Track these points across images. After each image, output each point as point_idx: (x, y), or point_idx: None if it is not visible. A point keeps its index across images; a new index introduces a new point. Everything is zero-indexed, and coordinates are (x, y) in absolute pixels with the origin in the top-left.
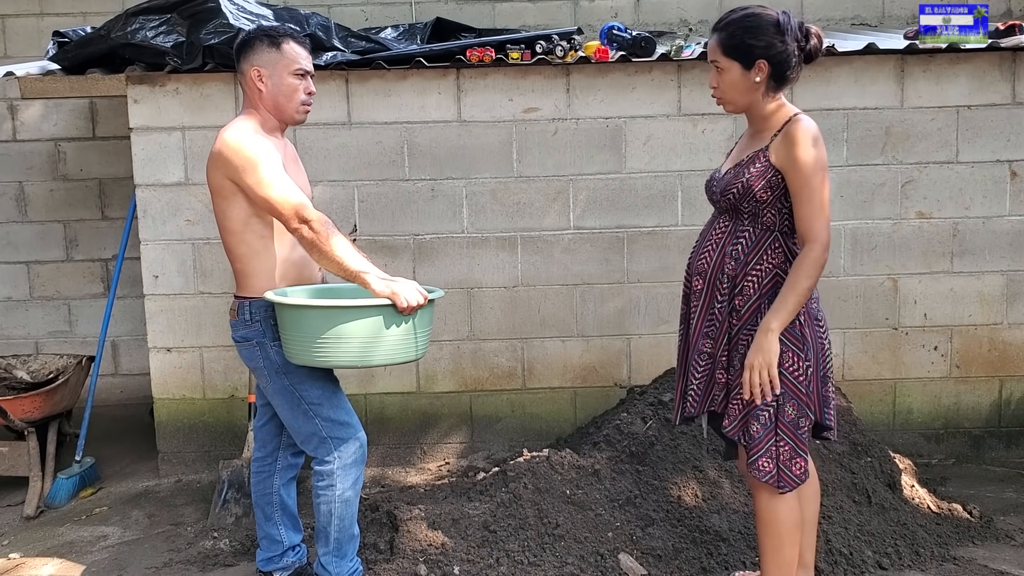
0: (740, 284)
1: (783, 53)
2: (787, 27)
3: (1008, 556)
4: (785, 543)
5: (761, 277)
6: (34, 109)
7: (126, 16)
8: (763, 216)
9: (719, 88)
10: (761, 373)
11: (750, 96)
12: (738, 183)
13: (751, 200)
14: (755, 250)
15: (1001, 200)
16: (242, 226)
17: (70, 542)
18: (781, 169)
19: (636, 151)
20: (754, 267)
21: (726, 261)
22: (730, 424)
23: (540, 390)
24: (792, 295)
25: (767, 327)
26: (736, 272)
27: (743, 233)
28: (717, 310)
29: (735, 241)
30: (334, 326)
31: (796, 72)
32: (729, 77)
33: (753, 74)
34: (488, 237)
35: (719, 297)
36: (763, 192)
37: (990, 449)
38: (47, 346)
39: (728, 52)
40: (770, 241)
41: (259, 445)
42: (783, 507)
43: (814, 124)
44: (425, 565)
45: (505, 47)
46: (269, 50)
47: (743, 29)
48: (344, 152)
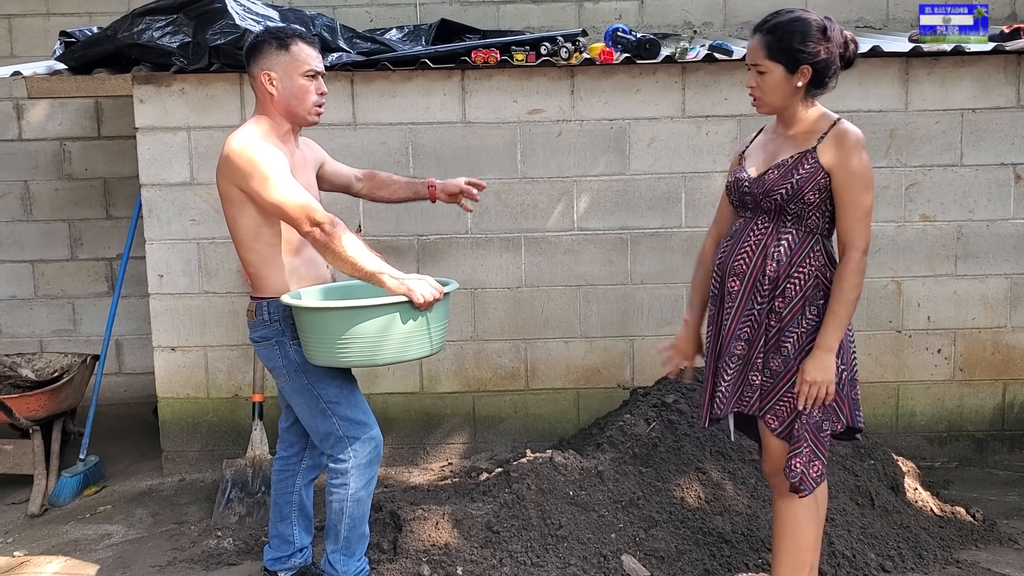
0: (782, 286)
1: (827, 60)
2: (832, 34)
3: (1011, 560)
4: (803, 547)
5: (804, 280)
6: (40, 109)
7: (132, 16)
8: (808, 218)
9: (758, 88)
10: (820, 390)
11: (790, 99)
12: (786, 184)
13: (799, 202)
14: (799, 252)
15: (1005, 203)
16: (252, 234)
17: (74, 540)
18: (830, 172)
19: (640, 153)
20: (797, 269)
21: (768, 263)
22: (780, 426)
23: (543, 391)
24: (843, 308)
25: (827, 345)
26: (778, 274)
27: (786, 235)
28: (756, 312)
29: (777, 243)
30: (352, 326)
31: (835, 79)
32: (771, 79)
33: (796, 78)
34: (492, 238)
35: (759, 299)
36: (812, 194)
37: (993, 452)
38: (52, 345)
39: (772, 55)
40: (812, 244)
41: (285, 445)
42: (803, 510)
43: (861, 132)
44: (428, 565)
45: (510, 49)
46: (278, 52)
47: (791, 33)
48: (349, 153)
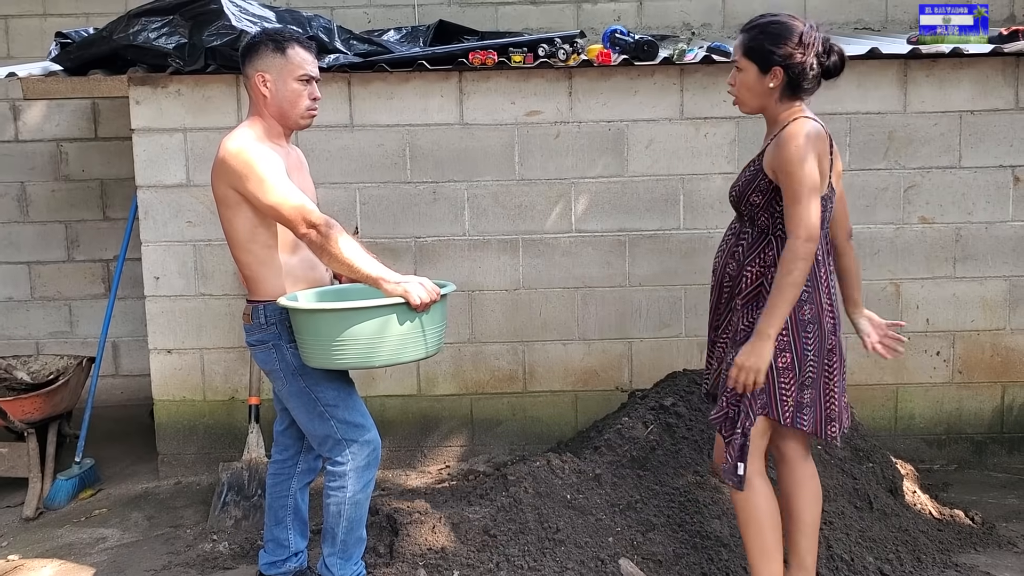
0: (739, 285)
1: (800, 65)
2: (810, 40)
3: (1010, 563)
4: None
5: (751, 278)
6: (36, 110)
7: (128, 17)
8: (758, 219)
9: (735, 87)
10: (748, 376)
11: (762, 100)
12: (737, 185)
13: (747, 203)
14: (750, 251)
15: (1004, 205)
16: (248, 236)
17: (69, 544)
18: (770, 172)
19: (638, 154)
20: (747, 267)
21: (729, 262)
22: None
23: (541, 393)
24: (778, 294)
25: (763, 332)
26: (736, 272)
27: (744, 235)
28: (722, 307)
29: (738, 243)
30: (347, 328)
31: (812, 85)
32: (745, 78)
33: (768, 79)
34: (490, 240)
35: (724, 297)
36: (755, 196)
37: (992, 455)
38: (48, 347)
39: (747, 53)
40: (764, 244)
41: (280, 448)
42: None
43: (809, 125)
44: (425, 569)
45: (507, 50)
46: (274, 55)
47: (766, 34)
48: (346, 154)
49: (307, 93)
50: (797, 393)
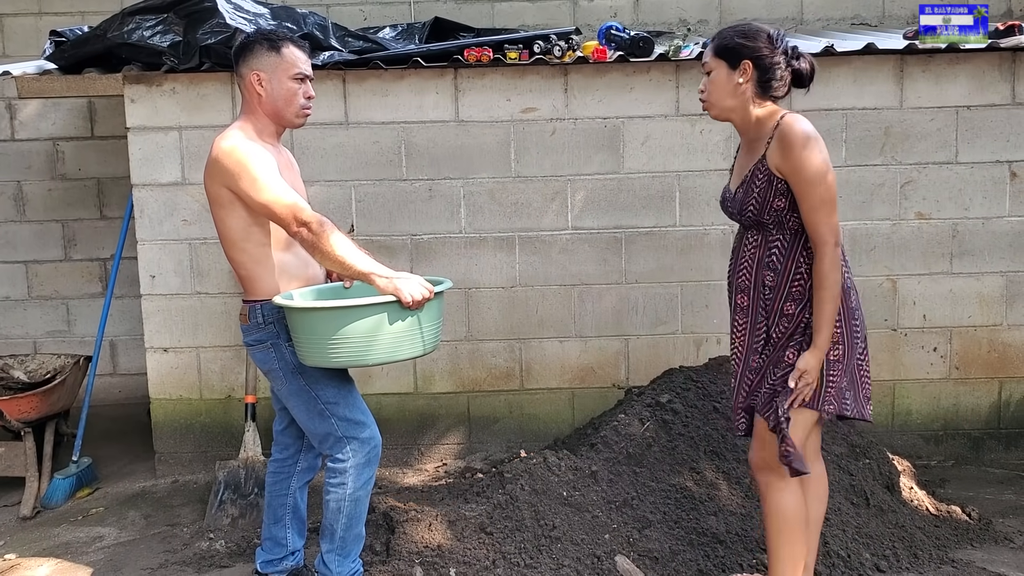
0: (786, 291)
1: (769, 59)
2: (778, 40)
3: (1007, 558)
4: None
5: (803, 279)
6: (32, 108)
7: (123, 16)
8: (788, 222)
9: (706, 92)
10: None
11: (734, 99)
12: (752, 199)
13: (770, 211)
14: (791, 256)
15: (1001, 201)
16: (242, 235)
17: (66, 543)
18: (781, 174)
19: (634, 151)
20: (793, 271)
21: (765, 274)
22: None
23: (538, 391)
24: (829, 304)
25: (822, 344)
26: (776, 282)
27: (774, 243)
28: (764, 322)
29: (769, 253)
30: (341, 326)
31: (781, 86)
32: (715, 77)
33: (737, 74)
34: (486, 237)
35: (762, 310)
36: (777, 201)
37: (989, 451)
38: (45, 346)
39: (718, 52)
40: (803, 243)
41: (280, 448)
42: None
43: (805, 122)
44: (421, 567)
45: (503, 47)
46: (268, 54)
47: (735, 32)
48: (341, 152)
49: (302, 92)
50: (843, 381)
